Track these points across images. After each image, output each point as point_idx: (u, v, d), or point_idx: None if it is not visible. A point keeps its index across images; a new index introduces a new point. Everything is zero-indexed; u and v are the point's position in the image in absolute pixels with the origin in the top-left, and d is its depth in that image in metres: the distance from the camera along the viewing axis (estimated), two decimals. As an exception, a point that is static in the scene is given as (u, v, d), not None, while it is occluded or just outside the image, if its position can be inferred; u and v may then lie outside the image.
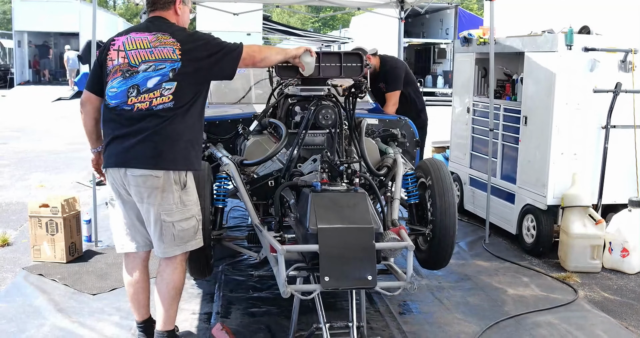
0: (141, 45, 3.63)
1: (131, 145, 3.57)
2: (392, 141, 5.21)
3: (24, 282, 5.17)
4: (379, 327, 4.47)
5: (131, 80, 3.60)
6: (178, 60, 3.58)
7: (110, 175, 3.69)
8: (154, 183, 3.57)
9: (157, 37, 3.64)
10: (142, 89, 3.58)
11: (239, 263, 5.71)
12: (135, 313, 4.00)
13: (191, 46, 3.62)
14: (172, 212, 3.64)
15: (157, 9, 3.76)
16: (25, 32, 29.99)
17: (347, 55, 4.38)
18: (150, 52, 3.60)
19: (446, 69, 24.02)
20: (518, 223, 6.33)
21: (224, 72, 3.73)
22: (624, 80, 5.83)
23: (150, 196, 3.59)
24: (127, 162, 3.57)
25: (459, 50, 7.50)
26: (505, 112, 6.57)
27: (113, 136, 3.63)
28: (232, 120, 5.12)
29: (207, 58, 3.62)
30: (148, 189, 3.57)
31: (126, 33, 3.73)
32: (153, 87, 3.57)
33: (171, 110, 3.57)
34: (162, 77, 3.57)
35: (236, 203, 6.52)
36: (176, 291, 3.81)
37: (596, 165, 5.91)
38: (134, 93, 3.58)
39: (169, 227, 3.65)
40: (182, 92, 3.59)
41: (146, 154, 3.55)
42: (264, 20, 26.54)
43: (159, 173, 3.56)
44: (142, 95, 3.57)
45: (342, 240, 3.45)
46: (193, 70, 3.60)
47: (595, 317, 4.75)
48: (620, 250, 5.69)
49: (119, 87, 3.62)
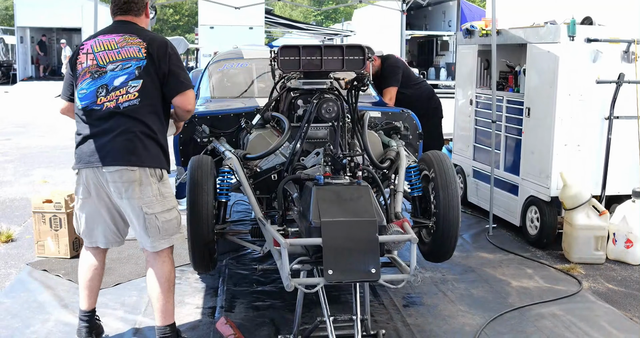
0: (109, 46, 3.76)
1: (104, 143, 3.67)
2: (395, 134, 5.20)
3: (28, 278, 5.19)
4: (383, 319, 4.47)
5: (100, 80, 3.72)
6: (143, 58, 3.72)
7: (82, 176, 3.79)
8: (131, 176, 3.65)
9: (124, 38, 3.78)
10: (110, 88, 3.69)
11: (243, 257, 5.72)
12: (85, 301, 4.02)
13: (157, 49, 3.76)
14: (152, 204, 3.73)
15: (130, 14, 3.89)
16: (27, 28, 29.99)
17: (349, 48, 4.37)
18: (118, 52, 3.74)
19: (449, 61, 23.95)
20: (522, 215, 6.32)
21: (170, 90, 3.79)
22: (627, 71, 5.81)
23: (128, 190, 3.67)
24: (102, 160, 3.66)
25: (462, 42, 7.48)
26: (508, 104, 6.56)
27: (84, 136, 3.73)
28: (235, 114, 5.11)
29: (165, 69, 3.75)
30: (125, 183, 3.66)
31: (94, 37, 3.87)
32: (120, 85, 3.69)
33: (137, 107, 3.68)
34: (128, 75, 3.70)
35: (239, 197, 6.53)
36: (169, 283, 3.87)
37: (599, 156, 5.90)
38: (103, 93, 3.70)
39: (152, 219, 3.73)
40: (147, 90, 3.71)
41: (120, 150, 3.65)
42: (266, 13, 26.46)
43: (134, 168, 3.66)
44: (110, 94, 3.69)
45: (346, 233, 3.45)
46: (154, 70, 3.73)
47: (599, 308, 4.75)
48: (624, 241, 5.68)
49: (88, 88, 3.73)
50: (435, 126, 7.06)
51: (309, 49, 4.34)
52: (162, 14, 48.29)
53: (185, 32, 49.96)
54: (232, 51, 7.14)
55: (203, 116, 5.09)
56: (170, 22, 52.59)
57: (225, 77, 6.15)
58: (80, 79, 3.77)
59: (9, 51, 32.25)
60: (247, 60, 6.27)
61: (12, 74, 29.19)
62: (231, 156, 4.47)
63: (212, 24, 25.16)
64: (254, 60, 6.18)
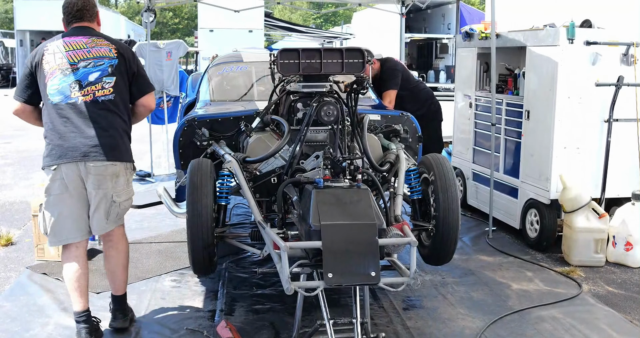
0: (77, 46, 4.01)
1: (89, 137, 3.91)
2: (394, 137, 5.20)
3: (28, 281, 5.19)
4: (383, 323, 4.47)
5: (71, 76, 3.94)
6: (115, 57, 4.03)
7: (60, 171, 3.95)
8: (114, 170, 4.02)
9: (92, 39, 4.06)
10: (84, 83, 3.94)
11: (243, 260, 5.72)
12: (79, 303, 4.11)
13: (125, 50, 4.12)
14: (121, 194, 4.11)
15: (85, 20, 4.14)
16: (27, 31, 30.00)
17: (348, 52, 4.37)
18: (88, 51, 4.00)
19: (448, 64, 23.98)
20: (521, 218, 6.32)
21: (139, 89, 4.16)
22: (626, 74, 5.82)
23: (107, 182, 4.00)
24: (88, 154, 3.92)
25: (461, 45, 7.49)
26: (508, 107, 6.56)
27: (63, 132, 3.92)
28: (235, 117, 5.11)
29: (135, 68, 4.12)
30: (107, 176, 3.99)
31: (57, 39, 4.06)
32: (95, 81, 3.95)
33: (112, 102, 3.99)
34: (102, 72, 3.98)
35: (239, 200, 6.53)
36: (127, 258, 4.32)
37: (599, 159, 5.90)
38: (76, 87, 3.93)
39: (116, 206, 4.10)
40: (120, 86, 4.03)
41: (106, 146, 3.95)
42: (265, 17, 26.47)
43: (116, 162, 4.02)
44: (85, 89, 3.94)
45: (345, 237, 3.45)
46: (125, 70, 4.06)
47: (599, 311, 4.75)
48: (624, 244, 5.68)
49: (60, 84, 3.93)
50: (435, 129, 7.07)
51: (308, 52, 4.34)
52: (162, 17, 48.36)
53: (184, 35, 50.00)
54: (231, 54, 7.14)
55: (203, 119, 5.09)
56: (169, 25, 52.65)
57: (224, 80, 6.15)
58: (49, 77, 3.94)
59: (9, 54, 32.24)
60: (247, 63, 6.27)
61: (11, 77, 29.19)
62: (231, 159, 4.47)
63: (211, 27, 25.16)
64: (254, 64, 6.19)
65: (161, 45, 9.38)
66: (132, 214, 7.30)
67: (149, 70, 9.10)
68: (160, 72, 9.29)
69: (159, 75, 9.28)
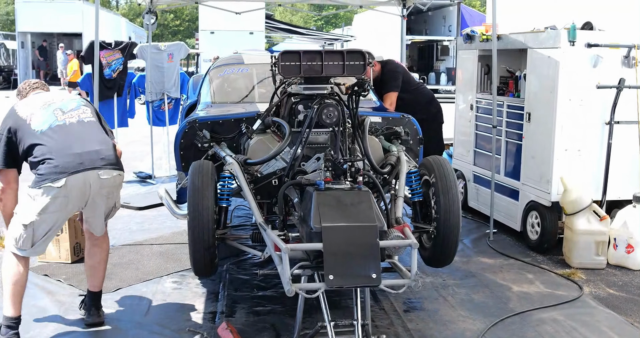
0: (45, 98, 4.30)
1: (91, 151, 4.12)
2: (395, 139, 5.20)
3: (29, 283, 5.16)
4: (383, 324, 4.47)
5: (52, 106, 4.21)
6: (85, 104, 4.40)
7: (66, 186, 3.99)
8: (121, 180, 4.36)
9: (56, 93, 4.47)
10: (65, 110, 4.23)
11: (244, 262, 5.72)
12: (15, 308, 4.07)
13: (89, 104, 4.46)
14: (119, 200, 4.49)
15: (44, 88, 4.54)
16: (28, 33, 30.04)
17: (349, 54, 4.37)
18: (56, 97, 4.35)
19: (449, 66, 23.99)
20: (522, 220, 6.32)
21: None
22: (628, 76, 5.82)
23: (116, 191, 4.34)
24: (96, 163, 4.10)
25: (462, 47, 7.50)
26: (509, 109, 6.56)
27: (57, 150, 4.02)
28: (236, 119, 5.12)
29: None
30: (117, 186, 4.32)
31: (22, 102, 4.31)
32: (75, 108, 4.28)
33: (95, 124, 4.32)
34: (77, 104, 4.35)
35: (240, 202, 6.54)
36: (107, 256, 4.56)
37: (600, 161, 5.90)
38: (59, 112, 4.19)
39: (115, 210, 4.46)
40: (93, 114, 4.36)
41: (112, 158, 4.22)
42: (266, 19, 26.50)
43: (122, 172, 4.33)
44: (68, 113, 4.22)
45: (346, 239, 3.45)
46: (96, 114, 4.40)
47: (600, 314, 4.75)
48: (625, 246, 5.68)
49: (43, 115, 4.14)
50: (436, 131, 7.06)
51: (309, 54, 4.35)
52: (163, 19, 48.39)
53: (185, 37, 50.06)
54: (232, 56, 7.14)
55: (204, 121, 5.09)
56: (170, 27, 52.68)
57: (225, 82, 6.15)
58: (29, 120, 4.11)
59: (10, 56, 32.26)
60: (248, 65, 6.27)
61: (13, 79, 29.20)
62: (232, 161, 4.47)
63: (212, 29, 25.21)
64: (255, 66, 6.19)
65: (162, 47, 9.39)
66: (133, 216, 7.31)
67: (149, 72, 9.12)
68: (162, 74, 9.30)
69: (160, 77, 9.29)
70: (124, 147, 5.37)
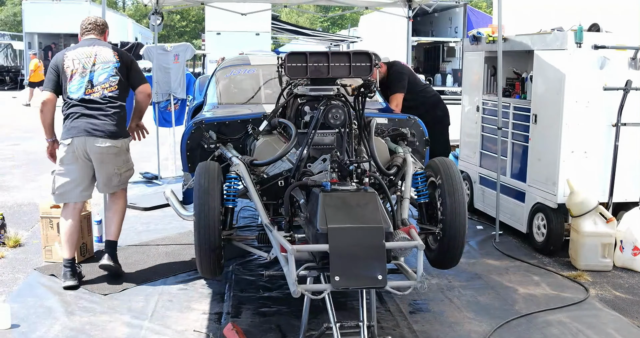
0: (90, 53, 5.19)
1: (97, 123, 5.07)
2: (401, 140, 5.20)
3: (36, 283, 5.20)
4: (389, 326, 4.47)
5: (86, 77, 5.12)
6: (117, 61, 5.22)
7: (73, 144, 5.06)
8: (114, 150, 5.13)
9: (100, 47, 5.26)
10: (95, 83, 5.13)
11: (249, 263, 5.72)
12: (68, 251, 5.14)
13: (124, 55, 5.33)
14: (121, 167, 5.26)
15: (94, 33, 5.36)
16: (35, 34, 30.12)
17: (356, 55, 4.37)
18: (97, 57, 5.18)
19: (455, 68, 23.99)
20: (528, 222, 6.31)
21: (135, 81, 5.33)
22: (634, 78, 5.80)
23: (111, 159, 5.15)
24: (96, 133, 5.05)
25: (468, 49, 7.49)
26: (515, 111, 6.56)
27: (78, 114, 5.09)
28: (242, 120, 5.12)
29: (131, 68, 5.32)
30: (110, 155, 5.12)
31: (74, 49, 5.25)
32: (103, 81, 5.15)
33: (115, 98, 5.17)
34: (108, 73, 5.17)
35: (246, 203, 6.54)
36: (123, 212, 5.44)
37: (607, 163, 5.89)
38: (89, 86, 5.11)
39: (118, 176, 5.26)
40: (122, 84, 5.22)
41: (111, 130, 5.09)
42: (272, 20, 26.53)
43: (118, 143, 5.14)
44: (95, 87, 5.12)
45: (352, 240, 3.45)
46: (125, 70, 5.25)
47: (606, 316, 4.74)
48: (631, 249, 5.66)
49: (78, 84, 5.12)
50: (442, 132, 7.06)
51: (316, 55, 4.35)
52: (169, 20, 48.49)
53: (192, 38, 50.16)
54: (239, 57, 7.15)
55: (210, 122, 5.10)
56: (177, 28, 52.79)
57: (232, 83, 6.16)
58: (70, 79, 5.13)
59: (17, 57, 32.36)
60: (254, 66, 6.28)
61: (20, 79, 29.29)
62: (238, 162, 4.48)
63: (218, 30, 25.24)
64: (261, 67, 6.20)
65: (169, 48, 9.41)
66: (140, 217, 7.33)
67: (156, 73, 9.13)
68: (168, 74, 9.32)
69: (166, 78, 9.30)
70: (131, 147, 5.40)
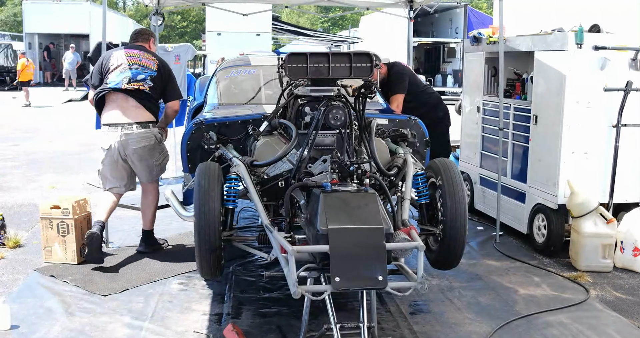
0: (133, 55, 5.70)
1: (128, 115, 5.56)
2: (402, 141, 5.20)
3: (36, 284, 5.20)
4: (389, 327, 4.47)
5: (125, 73, 5.59)
6: (156, 70, 5.69)
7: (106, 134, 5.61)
8: (147, 141, 5.62)
9: (144, 53, 5.75)
10: (132, 79, 5.59)
11: (250, 263, 5.72)
12: (104, 214, 5.62)
13: (163, 66, 5.78)
14: (157, 157, 5.73)
15: (140, 41, 5.92)
16: (35, 34, 30.14)
17: (356, 56, 4.37)
18: (140, 59, 5.68)
19: (456, 68, 23.96)
20: (529, 223, 6.31)
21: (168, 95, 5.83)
22: (635, 79, 5.80)
23: (145, 150, 5.62)
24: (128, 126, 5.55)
25: (469, 50, 7.49)
26: (516, 111, 6.55)
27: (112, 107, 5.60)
28: (242, 121, 5.12)
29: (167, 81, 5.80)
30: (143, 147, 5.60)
31: (121, 49, 5.79)
32: (140, 80, 5.60)
33: (148, 95, 5.65)
34: (146, 76, 5.63)
35: (246, 204, 6.54)
36: (156, 203, 5.93)
37: (607, 164, 5.89)
38: (126, 81, 5.58)
39: (151, 165, 5.70)
40: (155, 89, 5.69)
41: (140, 123, 5.59)
42: (273, 20, 26.55)
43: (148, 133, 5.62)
44: (132, 83, 5.59)
45: (353, 241, 3.45)
46: (160, 81, 5.70)
47: (607, 317, 4.73)
48: (631, 249, 5.66)
49: (117, 77, 5.59)
50: (442, 133, 7.05)
51: (316, 56, 4.35)
52: (170, 21, 48.49)
53: (192, 38, 50.15)
54: (239, 58, 7.14)
55: (210, 123, 5.10)
56: (177, 28, 52.80)
57: (232, 84, 6.16)
58: (111, 72, 5.61)
59: (17, 57, 32.39)
60: (255, 67, 6.28)
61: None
62: (238, 163, 4.48)
63: (219, 31, 25.25)
64: (262, 67, 6.20)
65: (169, 49, 9.40)
66: (140, 217, 7.30)
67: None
68: (168, 75, 9.30)
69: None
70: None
